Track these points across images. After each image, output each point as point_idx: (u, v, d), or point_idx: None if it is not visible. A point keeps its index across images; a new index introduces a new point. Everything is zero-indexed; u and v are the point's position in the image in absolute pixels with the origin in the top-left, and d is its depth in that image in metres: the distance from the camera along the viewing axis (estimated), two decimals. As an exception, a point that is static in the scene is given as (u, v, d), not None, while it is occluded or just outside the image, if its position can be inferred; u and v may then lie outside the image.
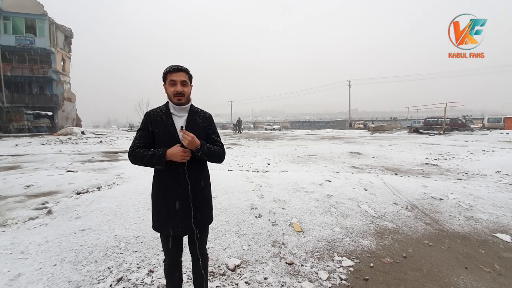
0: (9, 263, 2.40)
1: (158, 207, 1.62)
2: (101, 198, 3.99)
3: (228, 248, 2.73)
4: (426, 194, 4.38)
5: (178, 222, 1.58)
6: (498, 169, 7.00)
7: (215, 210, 3.47)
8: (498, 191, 4.80)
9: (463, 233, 3.20)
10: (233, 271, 2.39)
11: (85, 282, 2.17)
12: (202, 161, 1.67)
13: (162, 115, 1.61)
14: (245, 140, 18.67)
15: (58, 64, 25.85)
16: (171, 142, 1.56)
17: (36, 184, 5.28)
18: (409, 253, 2.72)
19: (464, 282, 2.26)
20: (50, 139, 17.31)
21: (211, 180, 1.84)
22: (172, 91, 1.57)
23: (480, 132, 22.11)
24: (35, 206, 4.12)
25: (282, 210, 3.58)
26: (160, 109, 1.65)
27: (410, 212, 3.78)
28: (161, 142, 1.59)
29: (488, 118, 27.90)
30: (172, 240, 1.66)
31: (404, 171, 7.09)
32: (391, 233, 3.17)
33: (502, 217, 3.62)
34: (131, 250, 2.63)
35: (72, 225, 3.20)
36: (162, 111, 1.63)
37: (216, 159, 1.63)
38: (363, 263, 2.54)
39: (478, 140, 14.43)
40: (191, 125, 1.61)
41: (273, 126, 41.98)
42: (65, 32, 27.91)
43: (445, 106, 22.24)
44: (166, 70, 1.59)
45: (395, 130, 28.04)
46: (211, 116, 1.75)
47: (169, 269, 1.73)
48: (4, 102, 22.86)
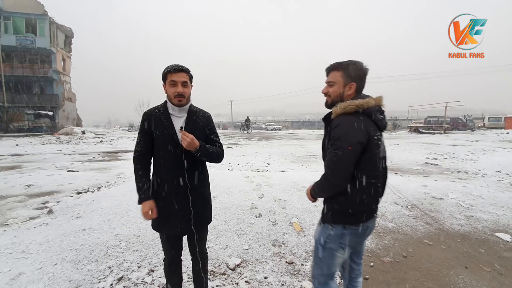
0: (10, 263, 2.41)
1: (157, 207, 1.61)
2: (101, 198, 4.00)
3: (228, 247, 2.73)
4: (426, 194, 4.38)
5: (178, 222, 1.58)
6: (499, 168, 7.00)
7: (216, 210, 3.48)
8: (498, 191, 4.79)
9: (463, 233, 3.20)
10: (234, 270, 2.39)
11: (85, 281, 2.18)
12: (202, 162, 1.66)
13: (161, 116, 1.58)
14: (246, 140, 18.68)
15: (58, 64, 25.87)
16: (170, 143, 1.55)
17: (36, 183, 5.29)
18: (409, 253, 2.72)
19: (464, 282, 2.26)
20: (51, 138, 17.34)
21: (211, 180, 1.84)
22: (172, 92, 1.53)
23: (480, 131, 22.09)
24: (36, 205, 4.12)
25: (282, 209, 3.59)
26: (158, 109, 1.61)
27: (410, 211, 3.78)
28: (159, 143, 1.57)
29: (488, 118, 27.86)
30: (172, 239, 1.66)
31: (405, 171, 7.09)
32: (391, 232, 3.17)
33: (502, 217, 3.62)
34: (131, 250, 2.64)
35: (73, 224, 3.21)
36: (160, 111, 1.60)
37: (215, 159, 1.63)
38: (363, 262, 2.54)
39: (478, 140, 14.42)
40: (190, 125, 1.59)
41: (273, 126, 41.96)
42: (65, 32, 27.92)
43: (445, 105, 22.23)
44: (167, 70, 1.54)
45: (396, 130, 28.05)
46: (210, 116, 1.73)
47: (169, 268, 1.73)
48: (5, 102, 22.89)
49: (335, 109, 1.32)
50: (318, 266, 1.47)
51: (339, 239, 1.37)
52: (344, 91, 1.36)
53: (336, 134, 1.26)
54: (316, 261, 1.48)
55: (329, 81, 1.39)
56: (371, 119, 1.33)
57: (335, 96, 1.38)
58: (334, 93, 1.38)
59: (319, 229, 1.46)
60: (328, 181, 1.29)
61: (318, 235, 1.46)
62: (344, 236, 1.36)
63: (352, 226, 1.35)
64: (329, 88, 1.39)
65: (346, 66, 1.34)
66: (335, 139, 1.26)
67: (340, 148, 1.23)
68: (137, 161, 1.62)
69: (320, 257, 1.44)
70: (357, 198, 1.30)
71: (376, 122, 1.35)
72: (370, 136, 1.28)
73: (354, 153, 1.24)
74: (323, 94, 1.44)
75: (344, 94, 1.36)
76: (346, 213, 1.33)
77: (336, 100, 1.37)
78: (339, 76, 1.35)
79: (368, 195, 1.32)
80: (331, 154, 1.26)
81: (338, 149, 1.23)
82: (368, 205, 1.34)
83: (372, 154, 1.30)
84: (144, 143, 1.60)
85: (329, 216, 1.38)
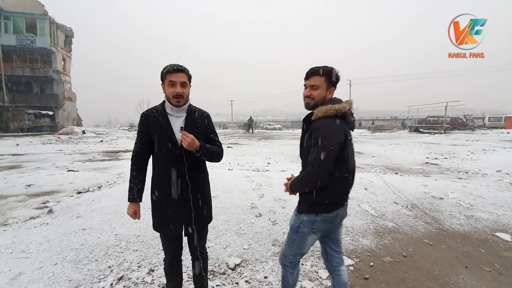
0: (10, 262, 2.41)
1: (157, 207, 1.61)
2: (102, 197, 3.99)
3: (228, 247, 2.74)
4: (426, 193, 4.38)
5: (180, 222, 1.58)
6: (499, 168, 7.00)
7: (216, 209, 3.48)
8: (498, 190, 4.79)
9: (463, 232, 3.20)
10: (234, 270, 2.39)
11: (85, 281, 2.18)
12: (202, 162, 1.66)
13: (158, 116, 1.57)
14: (246, 140, 18.67)
15: (58, 64, 25.86)
16: (168, 144, 1.55)
17: (37, 183, 5.29)
18: (409, 252, 2.72)
19: (464, 281, 2.26)
20: (51, 138, 17.35)
21: (211, 180, 1.84)
22: (171, 92, 1.52)
23: (480, 131, 22.07)
24: (36, 205, 4.13)
25: (282, 209, 3.59)
26: (156, 109, 1.60)
27: (410, 211, 3.78)
28: (159, 144, 1.56)
29: (489, 117, 27.82)
30: (172, 239, 1.66)
31: (405, 170, 7.09)
32: (391, 232, 3.17)
33: (503, 216, 3.61)
34: (131, 249, 2.64)
35: (73, 224, 3.21)
36: (158, 112, 1.59)
37: (214, 159, 1.63)
38: (363, 262, 2.54)
39: (478, 140, 14.41)
40: (189, 125, 1.59)
41: (273, 126, 41.91)
42: (65, 31, 27.91)
43: (445, 105, 22.20)
44: (165, 70, 1.53)
45: (396, 130, 28.03)
46: (209, 115, 1.73)
47: (169, 268, 1.73)
48: (5, 102, 22.90)
49: (317, 112, 1.45)
50: (290, 246, 1.64)
51: (311, 224, 1.54)
52: (326, 95, 1.50)
53: (319, 135, 1.39)
54: (288, 243, 1.65)
55: (314, 84, 1.48)
56: (346, 122, 1.49)
57: (318, 99, 1.49)
58: (318, 96, 1.49)
59: (294, 218, 1.63)
60: (313, 178, 1.41)
61: (293, 222, 1.63)
62: (316, 222, 1.53)
63: (324, 214, 1.52)
64: (313, 91, 1.49)
65: (329, 72, 1.47)
66: (318, 140, 1.39)
67: (323, 148, 1.37)
68: (133, 161, 1.65)
69: (293, 239, 1.62)
70: (334, 190, 1.47)
71: (349, 123, 1.52)
72: (346, 137, 1.45)
73: (335, 152, 1.40)
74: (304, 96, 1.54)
75: (326, 97, 1.50)
76: (323, 204, 1.50)
77: (319, 102, 1.49)
78: (323, 80, 1.47)
79: (343, 187, 1.52)
80: (315, 153, 1.39)
81: (321, 149, 1.37)
82: (342, 196, 1.55)
83: (347, 152, 1.47)
84: (141, 144, 1.61)
85: (305, 207, 1.54)
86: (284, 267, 1.69)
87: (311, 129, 1.45)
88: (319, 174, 1.38)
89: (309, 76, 1.50)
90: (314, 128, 1.43)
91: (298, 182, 1.51)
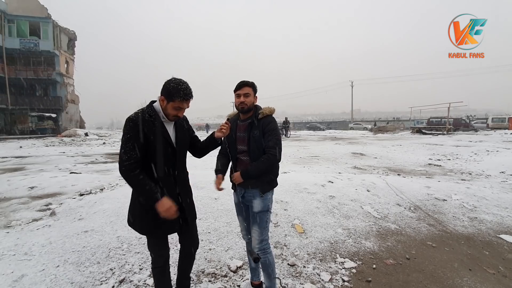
0: (12, 264, 2.42)
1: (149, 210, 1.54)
2: (104, 200, 4.00)
3: (230, 249, 2.73)
4: (429, 195, 4.34)
5: (176, 220, 1.61)
6: (503, 169, 6.93)
7: (217, 211, 3.48)
8: (502, 192, 4.74)
9: (467, 234, 3.17)
10: (235, 272, 2.38)
11: (87, 283, 2.18)
12: (185, 161, 1.77)
13: (154, 121, 1.56)
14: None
15: (62, 67, 26.08)
16: (167, 149, 1.60)
17: (40, 185, 5.32)
18: (412, 255, 2.70)
19: (468, 284, 2.24)
20: (54, 140, 17.47)
21: (211, 182, 1.87)
22: (174, 113, 1.59)
23: (484, 132, 21.92)
24: (39, 207, 4.15)
25: (284, 211, 3.58)
26: (148, 114, 1.57)
27: (413, 213, 3.75)
28: (158, 147, 1.55)
29: (492, 118, 27.63)
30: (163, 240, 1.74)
31: (407, 172, 7.05)
32: (394, 234, 3.15)
33: (507, 218, 3.58)
34: (133, 252, 2.64)
35: (75, 226, 3.22)
36: (152, 117, 1.57)
37: None
38: (366, 264, 2.53)
39: (482, 140, 14.31)
40: (180, 130, 1.70)
41: None
42: (68, 34, 28.15)
43: (448, 106, 22.10)
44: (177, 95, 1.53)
45: (398, 131, 27.91)
46: (186, 118, 1.85)
47: (163, 268, 1.76)
48: (9, 104, 23.10)
49: (264, 112, 1.90)
50: (266, 228, 1.93)
51: (272, 199, 1.96)
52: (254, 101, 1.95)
53: (272, 127, 1.87)
54: (263, 226, 1.91)
55: (246, 93, 1.88)
56: None
57: (251, 104, 1.91)
58: (250, 102, 1.90)
59: (262, 199, 1.88)
60: (278, 158, 1.85)
61: (262, 204, 1.88)
62: (272, 196, 1.96)
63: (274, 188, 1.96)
64: (246, 98, 1.88)
65: (254, 85, 1.93)
66: (272, 130, 1.86)
67: (278, 136, 1.87)
68: (134, 167, 1.50)
69: (266, 220, 1.92)
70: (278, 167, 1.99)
71: None
72: None
73: None
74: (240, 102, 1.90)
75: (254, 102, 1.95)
76: (275, 179, 1.96)
77: (251, 106, 1.91)
78: (251, 90, 1.90)
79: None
80: (273, 140, 1.84)
81: (276, 137, 1.86)
82: None
83: None
84: (138, 149, 1.52)
85: (267, 186, 1.88)
86: (265, 253, 1.91)
87: (264, 124, 1.87)
88: (279, 155, 1.85)
89: (241, 87, 1.88)
90: (267, 123, 1.87)
91: (262, 165, 1.82)
